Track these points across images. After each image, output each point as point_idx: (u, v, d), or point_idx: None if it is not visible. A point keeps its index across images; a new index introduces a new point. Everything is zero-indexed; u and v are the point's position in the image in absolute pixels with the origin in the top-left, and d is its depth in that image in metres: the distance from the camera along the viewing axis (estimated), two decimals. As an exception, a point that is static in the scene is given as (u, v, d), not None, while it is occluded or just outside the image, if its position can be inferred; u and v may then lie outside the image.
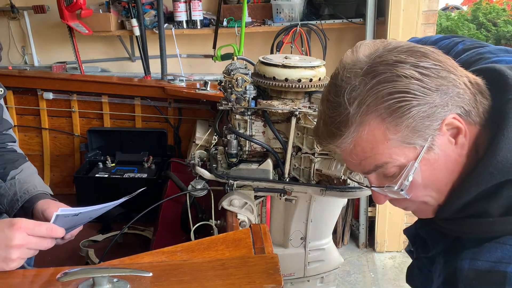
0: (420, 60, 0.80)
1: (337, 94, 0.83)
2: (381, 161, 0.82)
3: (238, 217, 1.48)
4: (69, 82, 2.62)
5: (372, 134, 0.80)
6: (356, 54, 0.85)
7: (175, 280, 0.92)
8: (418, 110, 0.77)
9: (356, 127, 0.81)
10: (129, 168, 2.44)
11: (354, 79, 0.81)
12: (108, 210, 2.24)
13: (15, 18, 3.73)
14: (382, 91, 0.78)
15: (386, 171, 0.84)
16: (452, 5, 6.64)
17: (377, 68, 0.80)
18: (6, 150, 1.45)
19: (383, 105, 0.78)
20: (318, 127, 0.89)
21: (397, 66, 0.79)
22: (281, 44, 3.09)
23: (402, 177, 0.82)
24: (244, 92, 1.51)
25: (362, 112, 0.80)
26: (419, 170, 0.82)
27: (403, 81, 0.78)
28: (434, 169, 0.82)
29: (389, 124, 0.79)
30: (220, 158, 1.59)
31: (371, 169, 0.85)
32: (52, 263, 1.25)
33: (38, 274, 0.98)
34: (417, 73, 0.78)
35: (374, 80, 0.79)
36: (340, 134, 0.83)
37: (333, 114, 0.83)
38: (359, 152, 0.83)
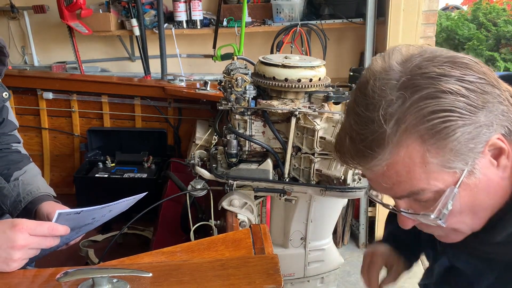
0: (465, 72, 0.71)
1: (369, 108, 0.73)
2: (417, 187, 0.74)
3: (238, 217, 1.48)
4: (69, 82, 2.62)
5: (409, 156, 0.72)
6: (388, 61, 0.75)
7: (174, 281, 0.92)
8: (463, 131, 0.69)
9: (392, 148, 0.72)
10: (129, 168, 2.44)
11: (390, 92, 0.71)
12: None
13: (15, 18, 3.73)
14: (424, 109, 0.69)
15: (420, 197, 0.76)
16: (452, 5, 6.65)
17: (418, 81, 0.71)
18: (11, 150, 1.45)
19: (425, 125, 0.69)
20: (343, 144, 0.78)
21: (441, 80, 0.70)
22: (281, 44, 3.09)
23: (440, 204, 0.74)
24: (244, 92, 1.51)
25: (400, 132, 0.71)
26: (458, 196, 0.74)
27: (449, 98, 0.69)
28: (473, 194, 0.75)
29: (430, 146, 0.70)
30: (220, 158, 1.59)
31: (404, 195, 0.77)
32: (52, 263, 1.25)
33: (38, 274, 0.98)
34: (463, 88, 0.69)
35: (416, 95, 0.70)
36: (372, 155, 0.73)
37: (364, 131, 0.73)
38: (392, 176, 0.74)
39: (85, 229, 1.25)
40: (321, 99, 1.53)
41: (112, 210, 1.20)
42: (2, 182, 1.35)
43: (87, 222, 1.20)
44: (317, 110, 1.48)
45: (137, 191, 1.25)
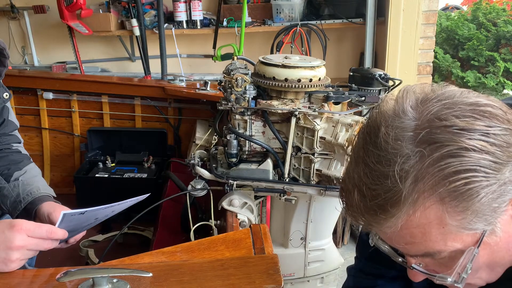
0: (490, 124, 0.64)
1: (381, 162, 0.66)
2: (433, 249, 0.68)
3: (238, 217, 1.48)
4: (69, 82, 2.62)
5: (426, 217, 0.65)
6: (402, 105, 0.68)
7: (175, 281, 0.92)
8: (488, 191, 0.62)
9: (408, 208, 0.64)
10: (129, 168, 2.44)
11: (406, 146, 0.64)
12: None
13: (15, 18, 3.73)
14: (446, 169, 0.62)
15: (436, 257, 0.70)
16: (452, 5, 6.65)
17: (438, 136, 0.63)
18: (11, 151, 1.45)
19: (446, 186, 0.62)
20: (351, 197, 0.70)
21: (463, 136, 0.62)
22: (281, 44, 3.09)
23: (458, 267, 0.68)
24: (244, 92, 1.51)
25: (418, 192, 0.63)
26: (477, 256, 0.68)
27: (473, 157, 0.62)
28: (493, 252, 0.69)
29: (450, 208, 0.63)
30: (220, 158, 1.59)
31: (418, 255, 0.71)
32: (52, 263, 1.25)
33: (38, 274, 0.98)
34: (488, 144, 0.62)
35: (436, 153, 0.63)
36: (385, 215, 0.66)
37: (376, 186, 0.66)
38: (406, 236, 0.68)
39: (85, 228, 1.26)
40: (321, 99, 1.53)
41: (115, 210, 1.20)
42: (2, 182, 1.35)
43: (89, 222, 1.20)
44: (317, 110, 1.48)
45: (137, 191, 1.25)
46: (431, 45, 3.10)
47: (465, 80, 4.23)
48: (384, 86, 1.64)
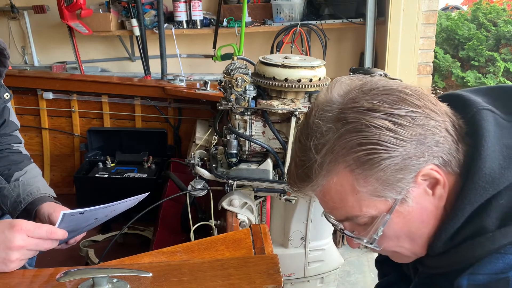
0: (395, 107, 0.74)
1: (307, 137, 0.78)
2: (351, 213, 0.79)
3: (238, 217, 1.48)
4: (69, 82, 2.62)
5: (340, 185, 0.77)
6: (330, 93, 0.80)
7: (175, 281, 0.92)
8: (390, 162, 0.72)
9: (324, 176, 0.77)
10: (129, 168, 2.44)
11: (324, 124, 0.77)
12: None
13: (15, 18, 3.73)
14: (351, 141, 0.74)
15: (358, 221, 0.80)
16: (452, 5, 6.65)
17: (348, 115, 0.75)
18: (12, 151, 1.45)
19: (351, 156, 0.74)
20: (290, 168, 0.85)
21: (367, 115, 0.73)
22: (281, 44, 3.09)
23: (371, 230, 0.78)
24: (244, 92, 1.51)
25: (330, 162, 0.76)
26: (391, 223, 0.77)
27: (373, 132, 0.72)
28: (407, 221, 0.78)
29: (358, 176, 0.74)
30: (220, 158, 1.59)
31: (343, 219, 0.82)
32: (52, 263, 1.25)
33: (38, 274, 0.98)
34: (390, 122, 0.73)
35: (343, 128, 0.74)
36: (308, 181, 0.79)
37: (303, 158, 0.79)
38: (329, 201, 0.80)
39: (85, 229, 1.25)
40: (321, 99, 1.53)
41: (115, 210, 1.20)
42: (3, 183, 1.35)
43: (89, 223, 1.20)
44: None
45: (137, 191, 1.25)
46: (431, 45, 3.11)
47: (465, 80, 4.23)
48: (384, 86, 1.64)
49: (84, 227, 1.22)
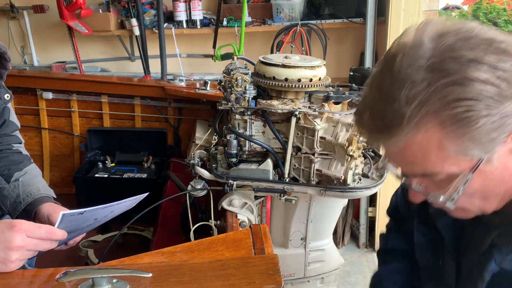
0: (500, 58, 0.67)
1: (393, 86, 0.70)
2: (431, 170, 0.73)
3: (238, 217, 1.48)
4: (68, 82, 2.62)
5: (427, 140, 0.70)
6: (421, 37, 0.71)
7: (174, 281, 0.92)
8: (487, 121, 0.67)
9: (410, 130, 0.70)
10: (129, 168, 2.44)
11: (416, 73, 0.69)
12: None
13: (14, 18, 3.72)
14: (449, 96, 0.67)
15: (433, 178, 0.75)
16: (452, 4, 6.64)
17: (446, 65, 0.68)
18: (12, 151, 1.46)
19: (447, 112, 0.67)
20: (363, 117, 0.77)
21: (469, 67, 0.67)
22: (281, 43, 3.09)
23: (451, 188, 0.74)
24: (244, 92, 1.51)
25: (421, 115, 0.69)
26: (470, 182, 0.73)
27: (475, 87, 0.66)
28: (487, 180, 0.74)
29: (450, 133, 0.69)
30: (220, 158, 1.58)
31: (418, 175, 0.77)
32: (51, 263, 1.25)
33: (38, 274, 0.98)
34: (495, 77, 0.66)
35: (441, 81, 0.67)
36: (391, 133, 0.72)
37: (385, 108, 0.71)
38: (409, 156, 0.74)
39: (85, 230, 1.25)
40: (321, 99, 1.53)
41: (114, 210, 1.19)
42: (3, 183, 1.35)
43: (89, 223, 1.20)
44: (317, 110, 1.48)
45: (137, 191, 1.25)
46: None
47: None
48: (384, 86, 1.63)
49: (83, 227, 1.21)
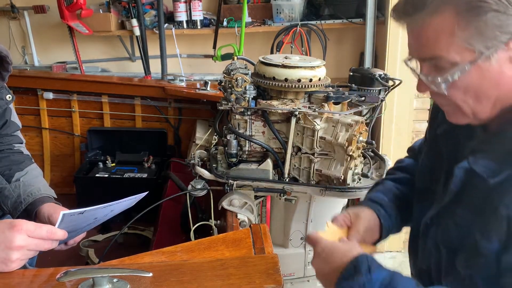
0: None
1: None
2: (438, 53, 0.83)
3: (238, 217, 1.48)
4: (69, 82, 2.62)
5: (442, 24, 0.80)
6: None
7: (175, 281, 0.92)
8: (494, 15, 0.76)
9: (430, 11, 0.81)
10: (129, 168, 2.44)
11: None
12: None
13: (15, 18, 3.72)
14: None
15: (439, 64, 0.84)
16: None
17: None
18: (13, 151, 1.46)
19: (464, 0, 0.78)
20: (399, 3, 0.88)
21: None
22: (281, 44, 3.09)
23: (449, 73, 0.83)
24: (244, 92, 1.51)
25: (441, 2, 0.80)
26: (468, 74, 0.82)
27: None
28: (482, 78, 0.82)
29: (461, 20, 0.78)
30: (220, 158, 1.59)
31: (427, 58, 0.86)
32: (52, 263, 1.25)
33: (38, 274, 0.98)
34: None
35: None
36: (414, 14, 0.83)
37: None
38: (423, 37, 0.84)
39: (85, 229, 1.26)
40: (321, 99, 1.53)
41: (114, 209, 1.20)
42: (4, 183, 1.35)
43: (89, 223, 1.20)
44: (317, 110, 1.48)
45: (137, 191, 1.25)
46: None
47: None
48: (384, 86, 1.64)
49: (83, 227, 1.22)
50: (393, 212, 1.12)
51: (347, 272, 0.86)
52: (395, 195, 1.15)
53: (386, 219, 1.11)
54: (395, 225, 1.13)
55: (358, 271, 0.84)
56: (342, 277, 0.86)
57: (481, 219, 0.85)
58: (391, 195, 1.15)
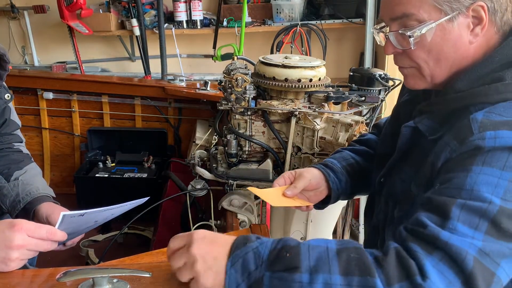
0: None
1: None
2: (409, 10, 0.90)
3: (238, 217, 1.48)
4: (69, 82, 2.62)
5: None
6: None
7: (174, 281, 0.92)
8: None
9: None
10: (129, 168, 2.44)
11: None
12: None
13: (15, 18, 3.73)
14: None
15: (408, 22, 0.91)
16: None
17: None
18: (13, 150, 1.46)
19: None
20: None
21: None
22: (281, 44, 3.09)
23: (417, 27, 0.90)
24: (244, 92, 1.51)
25: None
26: (432, 32, 0.90)
27: None
28: (444, 40, 0.91)
29: None
30: (220, 158, 1.59)
31: (398, 16, 0.92)
32: (52, 263, 1.25)
33: (38, 274, 0.98)
34: None
35: None
36: None
37: None
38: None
39: (84, 231, 1.25)
40: (321, 99, 1.53)
41: (115, 213, 1.19)
42: (2, 182, 1.35)
43: (88, 225, 1.20)
44: (317, 110, 1.48)
45: (137, 191, 1.25)
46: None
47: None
48: (384, 86, 1.64)
49: (83, 229, 1.22)
50: (343, 178, 1.18)
51: (238, 242, 0.83)
52: (349, 163, 1.22)
53: (336, 183, 1.17)
54: (344, 191, 1.19)
55: (248, 239, 0.83)
56: (234, 247, 0.82)
57: (418, 174, 0.93)
58: (345, 163, 1.21)
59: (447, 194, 0.80)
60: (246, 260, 0.80)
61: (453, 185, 0.80)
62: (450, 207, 0.77)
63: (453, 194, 0.79)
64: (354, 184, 1.21)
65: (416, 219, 0.80)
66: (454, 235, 0.75)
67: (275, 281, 0.77)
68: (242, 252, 0.81)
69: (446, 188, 0.81)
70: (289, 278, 0.77)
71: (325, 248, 0.79)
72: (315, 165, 1.21)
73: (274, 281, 0.77)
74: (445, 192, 0.81)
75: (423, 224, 0.78)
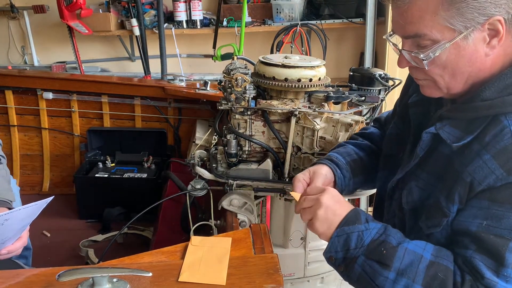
0: None
1: None
2: (422, 31, 0.88)
3: (238, 217, 1.48)
4: (69, 82, 2.62)
5: (426, 3, 0.86)
6: None
7: (174, 281, 0.92)
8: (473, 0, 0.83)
9: None
10: (129, 168, 2.44)
11: None
12: (108, 211, 2.24)
13: (15, 18, 3.73)
14: None
15: (421, 42, 0.90)
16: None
17: None
18: None
19: None
20: None
21: None
22: (281, 44, 3.08)
23: (431, 49, 0.89)
24: (243, 92, 1.51)
25: None
26: (447, 51, 0.88)
27: None
28: (459, 56, 0.89)
29: (445, 1, 0.85)
30: (220, 158, 1.58)
31: (411, 35, 0.91)
32: (51, 263, 1.25)
33: (37, 274, 0.98)
34: None
35: None
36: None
37: None
38: (408, 16, 0.89)
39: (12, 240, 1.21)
40: (321, 99, 1.53)
41: (10, 219, 1.13)
42: None
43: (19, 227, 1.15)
44: (317, 110, 1.48)
45: (137, 190, 1.25)
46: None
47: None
48: (384, 86, 1.64)
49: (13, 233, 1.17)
50: (347, 175, 1.21)
51: (349, 218, 0.96)
52: (353, 159, 1.23)
53: (341, 179, 1.20)
54: (347, 187, 1.22)
55: (359, 218, 0.96)
56: (344, 221, 0.96)
57: (444, 184, 0.94)
58: (349, 159, 1.23)
59: (498, 233, 0.86)
60: (350, 238, 0.94)
61: (503, 225, 0.85)
62: (504, 252, 0.84)
63: (504, 235, 0.85)
64: (356, 181, 1.22)
65: (471, 263, 0.88)
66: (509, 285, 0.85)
67: (366, 266, 0.92)
68: (349, 230, 0.95)
69: (495, 228, 0.86)
70: (378, 270, 0.91)
71: (420, 256, 0.90)
72: (322, 160, 1.22)
73: (366, 266, 0.92)
74: (496, 231, 0.86)
75: (480, 272, 0.86)
